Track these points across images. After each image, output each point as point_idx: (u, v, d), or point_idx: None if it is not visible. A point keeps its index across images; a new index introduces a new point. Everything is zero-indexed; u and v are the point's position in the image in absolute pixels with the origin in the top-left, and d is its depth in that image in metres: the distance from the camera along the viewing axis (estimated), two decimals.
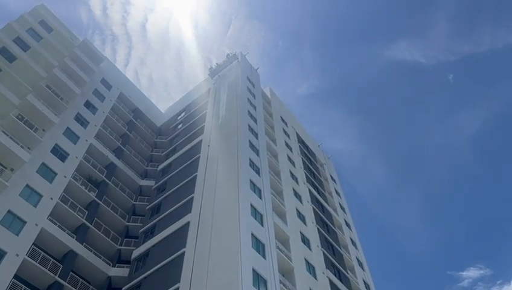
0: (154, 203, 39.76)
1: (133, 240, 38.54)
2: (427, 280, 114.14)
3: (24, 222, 31.04)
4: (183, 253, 29.62)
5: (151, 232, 35.92)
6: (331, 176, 60.21)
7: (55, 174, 36.22)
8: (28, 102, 37.38)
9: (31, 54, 41.63)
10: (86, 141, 42.20)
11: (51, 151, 37.32)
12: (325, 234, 42.13)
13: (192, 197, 35.17)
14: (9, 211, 30.56)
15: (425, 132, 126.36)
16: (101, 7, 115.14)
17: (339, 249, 42.83)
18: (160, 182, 42.60)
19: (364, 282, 43.13)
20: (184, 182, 38.62)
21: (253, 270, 26.72)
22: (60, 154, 38.25)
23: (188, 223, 32.53)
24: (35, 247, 31.07)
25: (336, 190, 57.27)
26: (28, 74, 39.85)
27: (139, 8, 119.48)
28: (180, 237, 31.82)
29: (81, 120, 43.62)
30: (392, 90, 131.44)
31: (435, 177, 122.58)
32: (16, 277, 28.53)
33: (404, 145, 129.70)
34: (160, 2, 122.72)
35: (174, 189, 39.00)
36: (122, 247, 37.72)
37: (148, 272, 30.87)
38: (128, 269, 34.40)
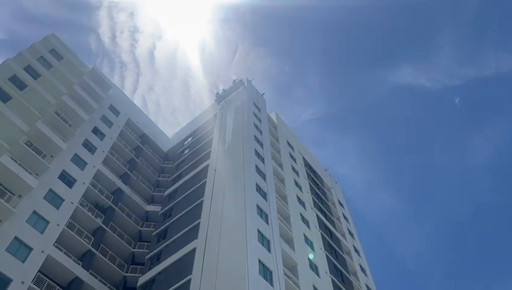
0: (160, 229, 39.53)
1: (139, 266, 38.14)
2: None
3: (30, 249, 30.93)
4: (189, 280, 29.20)
5: (157, 259, 35.56)
6: (339, 201, 59.67)
7: (62, 200, 36.29)
8: (37, 129, 37.86)
9: (40, 82, 42.42)
10: (94, 167, 42.41)
11: (58, 178, 37.51)
12: (334, 260, 41.43)
13: (199, 223, 34.94)
14: (15, 238, 30.52)
15: (434, 157, 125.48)
16: (110, 35, 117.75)
17: (348, 275, 42.01)
18: (166, 208, 42.47)
19: None
20: (190, 207, 38.46)
21: None
22: (68, 180, 38.41)
23: (194, 249, 32.21)
24: (40, 274, 30.84)
25: (344, 215, 56.64)
26: (38, 101, 40.52)
27: (147, 36, 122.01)
28: (186, 264, 31.45)
29: (88, 146, 43.97)
30: (397, 114, 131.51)
31: (446, 204, 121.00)
32: None
33: (413, 169, 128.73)
34: (168, 29, 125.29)
35: (180, 214, 38.81)
36: (128, 274, 37.30)
37: None
38: None
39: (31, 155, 35.92)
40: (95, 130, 46.70)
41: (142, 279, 34.22)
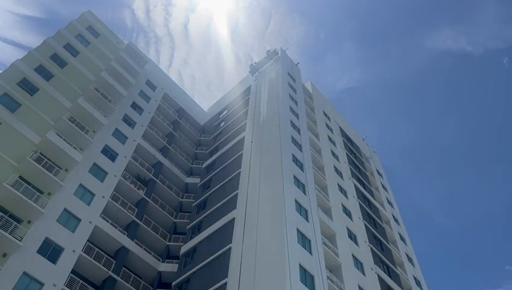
0: (200, 200, 40.50)
1: (181, 236, 39.42)
2: (484, 274, 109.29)
3: (79, 220, 32.51)
4: (230, 248, 29.97)
5: (198, 229, 36.62)
6: (377, 170, 58.84)
7: (106, 173, 37.67)
8: (79, 105, 39.08)
9: (80, 59, 43.53)
10: (134, 141, 43.57)
11: (101, 152, 38.83)
12: (373, 229, 41.25)
13: (237, 194, 35.49)
14: (65, 209, 32.11)
15: (482, 122, 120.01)
16: (144, 10, 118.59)
17: (387, 244, 41.83)
18: (205, 179, 43.31)
19: (415, 278, 41.89)
20: (228, 178, 39.04)
21: (300, 266, 26.62)
22: (110, 154, 39.73)
23: (233, 219, 32.88)
24: (90, 243, 32.49)
25: (382, 185, 55.92)
26: (78, 78, 41.76)
27: (180, 9, 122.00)
28: (226, 233, 32.21)
29: (128, 121, 45.09)
30: (438, 82, 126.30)
31: (495, 172, 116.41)
32: (73, 271, 29.95)
33: (458, 137, 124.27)
34: (201, 2, 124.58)
35: (218, 186, 39.52)
36: (171, 243, 38.67)
37: (197, 267, 31.51)
38: (177, 265, 35.28)
39: (75, 131, 37.24)
40: (134, 105, 47.71)
41: (184, 248, 35.42)
